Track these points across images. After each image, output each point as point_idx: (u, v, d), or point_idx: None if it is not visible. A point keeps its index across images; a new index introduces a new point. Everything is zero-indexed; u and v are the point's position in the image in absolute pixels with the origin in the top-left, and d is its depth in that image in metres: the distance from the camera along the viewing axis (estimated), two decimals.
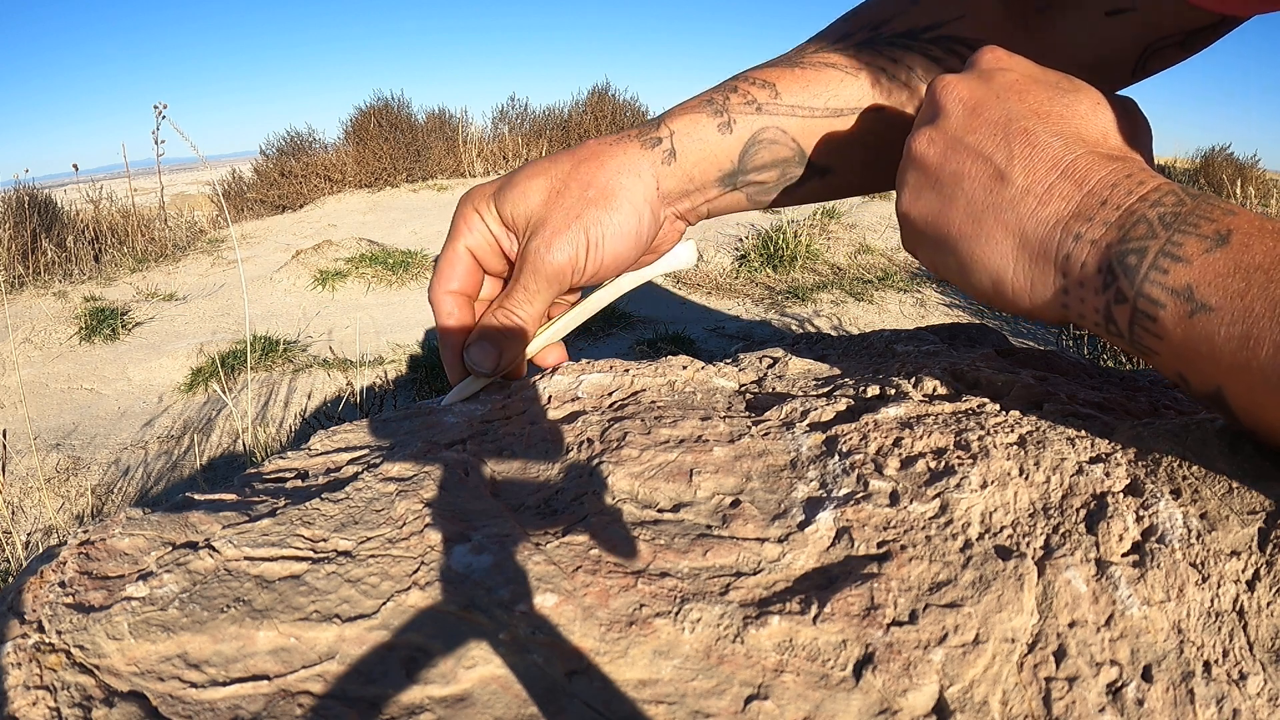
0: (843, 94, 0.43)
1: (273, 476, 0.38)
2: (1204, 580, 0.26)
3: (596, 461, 0.35)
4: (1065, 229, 0.30)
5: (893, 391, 0.40)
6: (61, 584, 0.29)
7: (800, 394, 0.42)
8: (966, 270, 0.34)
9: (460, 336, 0.43)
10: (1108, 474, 0.31)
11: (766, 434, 0.37)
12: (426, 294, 0.46)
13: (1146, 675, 0.24)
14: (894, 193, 0.44)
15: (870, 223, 4.31)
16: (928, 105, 0.36)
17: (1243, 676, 0.24)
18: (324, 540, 0.31)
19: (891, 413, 0.37)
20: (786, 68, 0.44)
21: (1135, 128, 0.33)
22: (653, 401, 0.41)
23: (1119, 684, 0.24)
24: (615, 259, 0.43)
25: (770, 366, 0.47)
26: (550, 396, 0.42)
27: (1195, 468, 0.30)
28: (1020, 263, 0.32)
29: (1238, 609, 0.26)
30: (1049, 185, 0.31)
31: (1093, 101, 0.33)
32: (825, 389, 0.42)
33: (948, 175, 0.34)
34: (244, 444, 1.88)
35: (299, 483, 0.37)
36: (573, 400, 0.41)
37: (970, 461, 0.32)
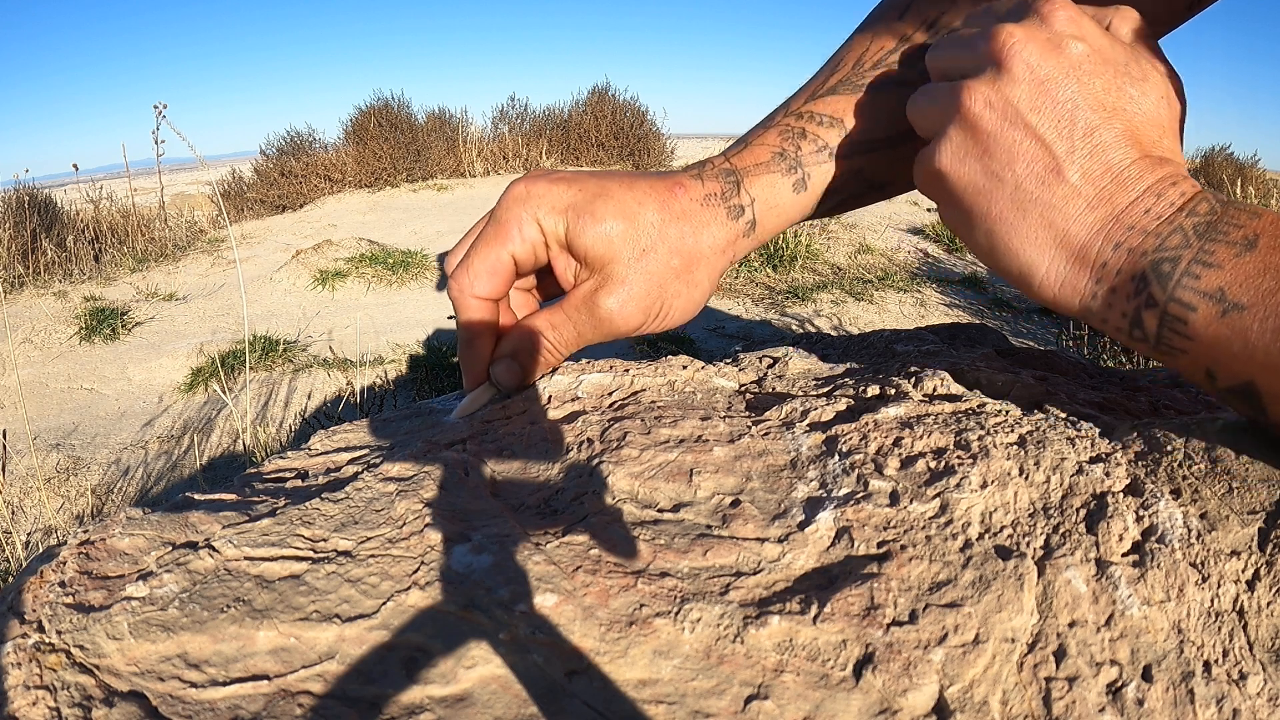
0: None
1: (273, 476, 0.38)
2: (1204, 580, 0.26)
3: (596, 461, 0.35)
4: (1107, 236, 0.31)
5: (893, 391, 0.40)
6: (61, 584, 0.29)
7: (800, 394, 0.42)
8: (996, 253, 0.34)
9: (488, 345, 0.41)
10: (1108, 474, 0.31)
11: (766, 434, 0.37)
12: (446, 282, 0.42)
13: (1146, 675, 0.24)
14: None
15: (870, 223, 4.31)
16: (987, 54, 0.33)
17: (1243, 676, 0.24)
18: (324, 540, 0.31)
19: (891, 413, 0.37)
20: (851, 94, 0.42)
21: (1179, 112, 0.34)
22: (653, 401, 0.41)
23: (1119, 684, 0.24)
24: (674, 324, 0.42)
25: (770, 366, 0.47)
26: (550, 396, 0.42)
27: (1195, 468, 0.30)
28: (1056, 261, 0.32)
29: (1238, 609, 0.26)
30: (1100, 189, 0.31)
31: (1159, 94, 0.32)
32: (825, 389, 0.42)
33: (1002, 150, 0.32)
34: (244, 444, 1.88)
35: (299, 483, 0.37)
36: (573, 400, 0.41)
37: (970, 461, 0.32)
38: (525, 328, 0.41)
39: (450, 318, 0.42)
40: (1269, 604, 0.26)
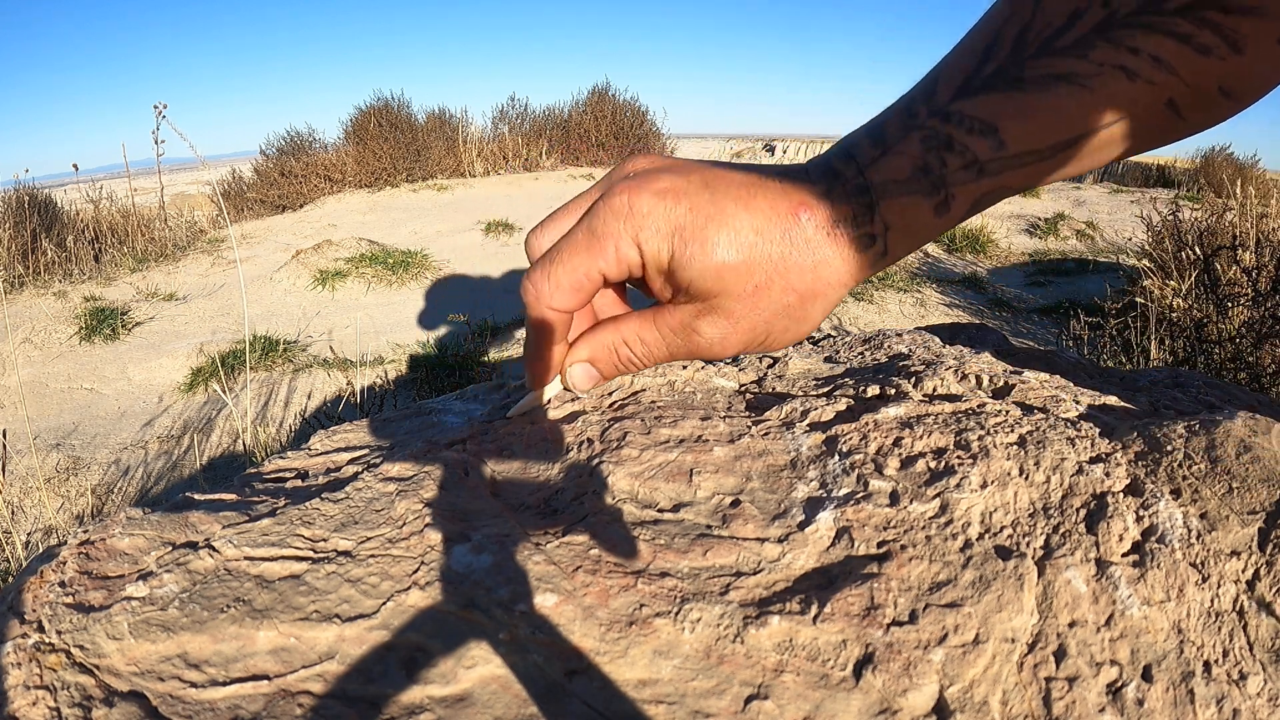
0: (1077, 120, 0.35)
1: (273, 476, 0.38)
2: (1204, 580, 0.26)
3: (596, 461, 0.35)
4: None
5: (893, 391, 0.40)
6: (61, 584, 0.29)
7: (800, 394, 0.42)
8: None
9: (559, 354, 0.39)
10: (1108, 474, 0.31)
11: (766, 434, 0.37)
12: (527, 291, 0.37)
13: (1146, 675, 0.24)
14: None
15: None
16: None
17: (1243, 676, 0.24)
18: (324, 540, 0.31)
19: (891, 413, 0.37)
20: (1007, 94, 0.36)
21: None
22: (653, 401, 0.41)
23: (1119, 684, 0.24)
24: (769, 350, 0.39)
25: (770, 366, 0.47)
26: (550, 396, 0.42)
27: (1195, 468, 0.30)
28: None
29: (1238, 609, 0.26)
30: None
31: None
32: (825, 389, 0.42)
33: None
34: (244, 444, 1.89)
35: (299, 483, 0.37)
36: (573, 400, 0.41)
37: (970, 461, 0.32)
38: (611, 335, 0.38)
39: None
40: (1269, 604, 0.26)
